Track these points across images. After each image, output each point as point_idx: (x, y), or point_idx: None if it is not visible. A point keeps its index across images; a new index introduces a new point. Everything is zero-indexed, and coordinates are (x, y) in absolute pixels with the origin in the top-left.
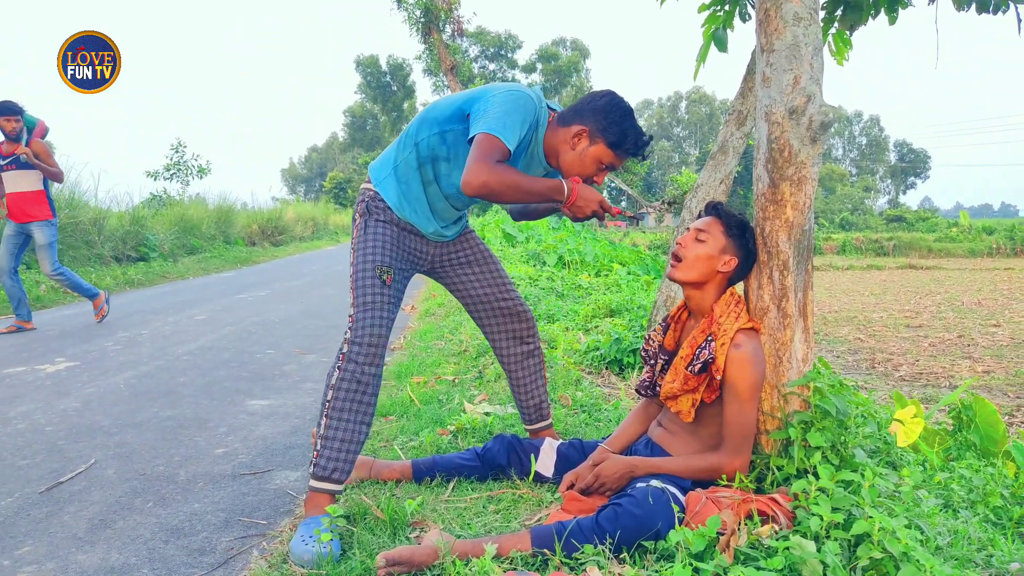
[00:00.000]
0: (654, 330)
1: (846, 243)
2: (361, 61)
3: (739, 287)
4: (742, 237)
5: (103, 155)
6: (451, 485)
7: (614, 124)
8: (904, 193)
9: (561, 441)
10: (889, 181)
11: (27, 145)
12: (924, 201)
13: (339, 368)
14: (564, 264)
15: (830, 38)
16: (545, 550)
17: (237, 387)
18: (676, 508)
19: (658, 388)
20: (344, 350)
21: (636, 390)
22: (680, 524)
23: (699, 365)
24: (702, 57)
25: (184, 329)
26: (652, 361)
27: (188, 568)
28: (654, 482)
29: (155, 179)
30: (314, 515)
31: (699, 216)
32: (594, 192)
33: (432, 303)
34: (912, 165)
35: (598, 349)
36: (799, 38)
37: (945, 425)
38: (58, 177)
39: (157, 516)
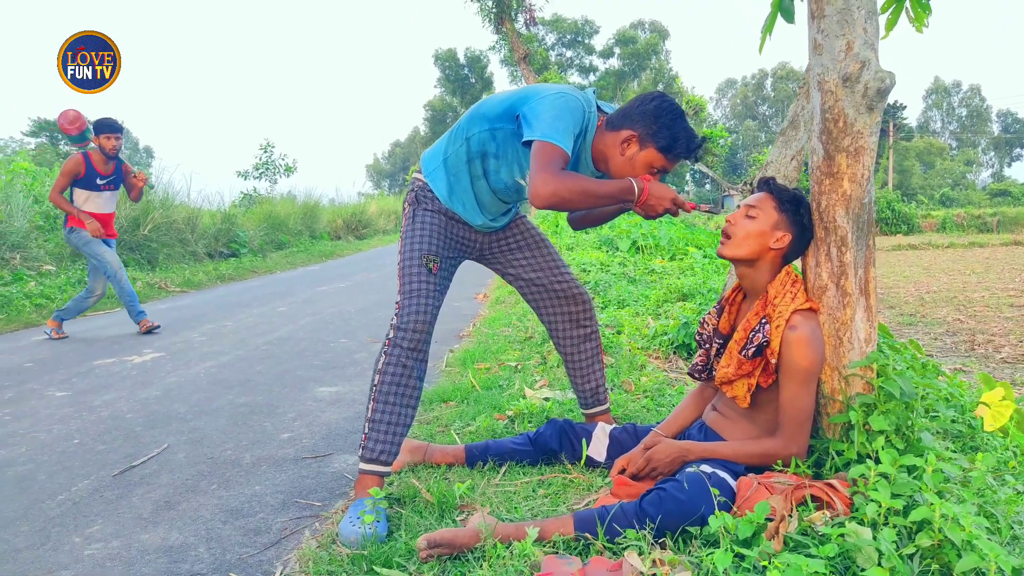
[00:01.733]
0: (709, 313)
1: (946, 220)
2: (439, 55)
3: (797, 265)
4: (796, 212)
5: (195, 156)
6: (503, 469)
7: (664, 128)
8: (1009, 166)
9: (615, 426)
10: (992, 154)
11: (121, 167)
12: None
13: (385, 353)
14: (638, 249)
15: (907, 3)
16: (587, 535)
17: (309, 375)
18: (717, 492)
19: (713, 372)
20: (390, 336)
21: (689, 374)
22: (730, 510)
23: (753, 349)
24: (768, 28)
25: (266, 320)
26: (707, 345)
27: (241, 547)
28: (704, 467)
29: (245, 178)
30: (363, 497)
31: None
32: (667, 189)
33: (503, 291)
34: (1017, 136)
35: (666, 334)
36: (851, 2)
37: None
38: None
39: (219, 498)
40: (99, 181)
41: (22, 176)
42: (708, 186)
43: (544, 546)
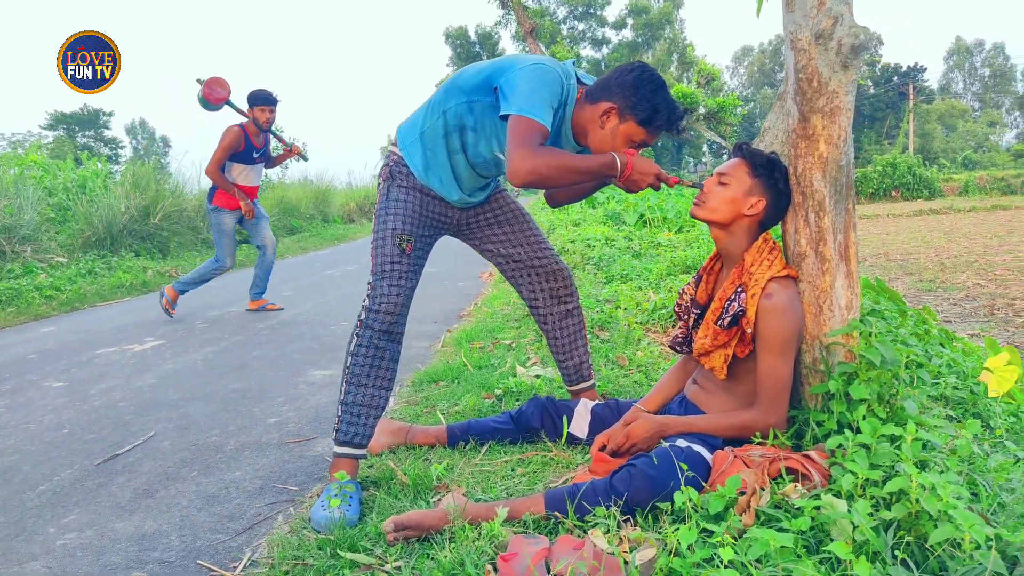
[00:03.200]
0: (688, 284)
1: (969, 183)
2: (450, 33)
3: (779, 231)
4: (770, 177)
5: (205, 144)
6: (483, 449)
7: (644, 100)
8: None
9: (597, 402)
10: (1017, 114)
11: (268, 141)
12: None
13: (356, 335)
14: (645, 222)
15: None
16: (557, 513)
17: (305, 359)
18: (686, 467)
19: (683, 344)
20: (361, 317)
21: (670, 347)
22: (706, 483)
23: (728, 319)
24: None
25: None
26: (685, 316)
27: (213, 534)
28: (680, 441)
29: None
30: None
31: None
32: (650, 163)
33: None
34: None
35: (665, 307)
36: None
37: None
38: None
39: (198, 485)
40: (254, 154)
41: (33, 169)
42: (726, 156)
43: (514, 526)
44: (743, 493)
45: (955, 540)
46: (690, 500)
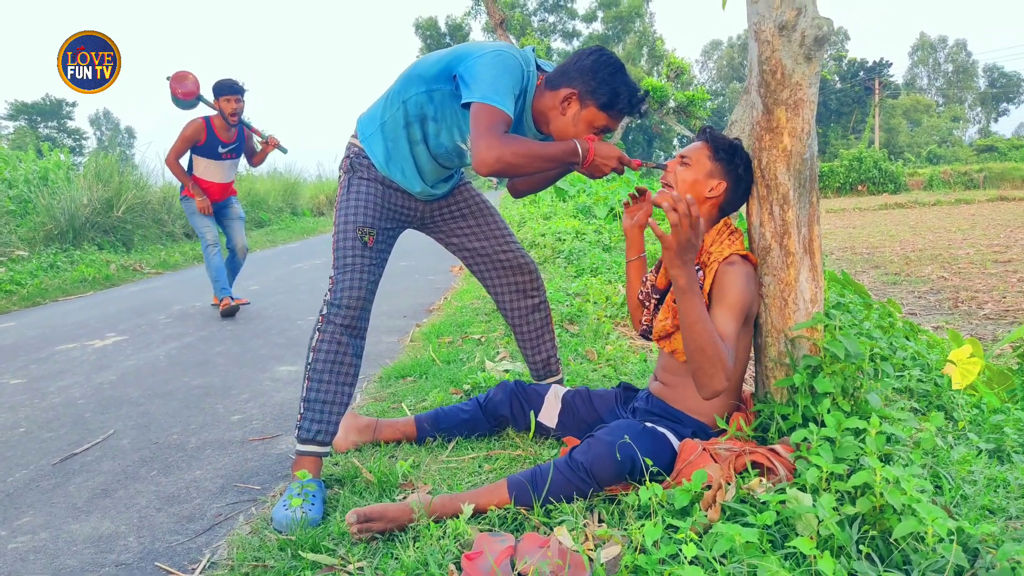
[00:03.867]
0: (651, 270)
1: (933, 177)
2: (420, 24)
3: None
4: (731, 161)
5: (170, 135)
6: (450, 446)
7: (604, 84)
8: (996, 121)
9: (567, 389)
10: (979, 109)
11: (243, 132)
12: (1019, 128)
13: (318, 331)
14: (615, 216)
15: None
16: (523, 509)
17: (271, 354)
18: (637, 450)
19: (651, 330)
20: (323, 312)
21: (640, 334)
22: (669, 470)
23: None
24: None
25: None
26: (647, 302)
27: (172, 535)
28: (647, 423)
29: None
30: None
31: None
32: (611, 148)
33: None
34: (1004, 90)
35: None
36: None
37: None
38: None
39: (157, 484)
40: (220, 149)
41: None
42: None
43: (479, 521)
44: (709, 487)
45: (919, 534)
46: (655, 496)
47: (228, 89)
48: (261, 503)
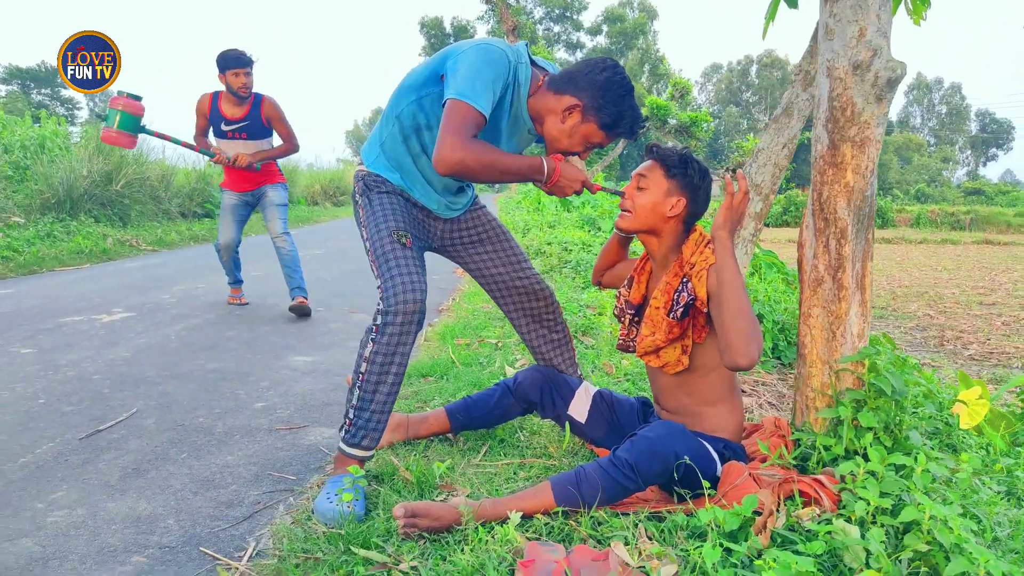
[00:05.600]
0: (623, 286)
1: (921, 216)
2: (425, 23)
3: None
4: (685, 175)
5: (171, 113)
6: (483, 449)
7: (611, 104)
8: (984, 165)
9: (597, 389)
10: (969, 152)
11: (260, 109)
12: (1005, 174)
13: (372, 341)
14: None
15: None
16: (571, 522)
17: (283, 342)
18: (681, 448)
19: (632, 345)
20: (377, 322)
21: (618, 348)
22: (712, 486)
23: (681, 309)
24: (771, 14)
25: None
26: (622, 318)
27: (213, 520)
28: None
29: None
30: (341, 473)
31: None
32: (577, 170)
33: None
34: (994, 136)
35: None
36: None
37: (1014, 407)
38: (294, 151)
39: (190, 467)
40: (224, 127)
41: None
42: None
43: (525, 529)
44: (758, 513)
45: (969, 574)
46: (715, 519)
47: (235, 61)
48: (299, 493)
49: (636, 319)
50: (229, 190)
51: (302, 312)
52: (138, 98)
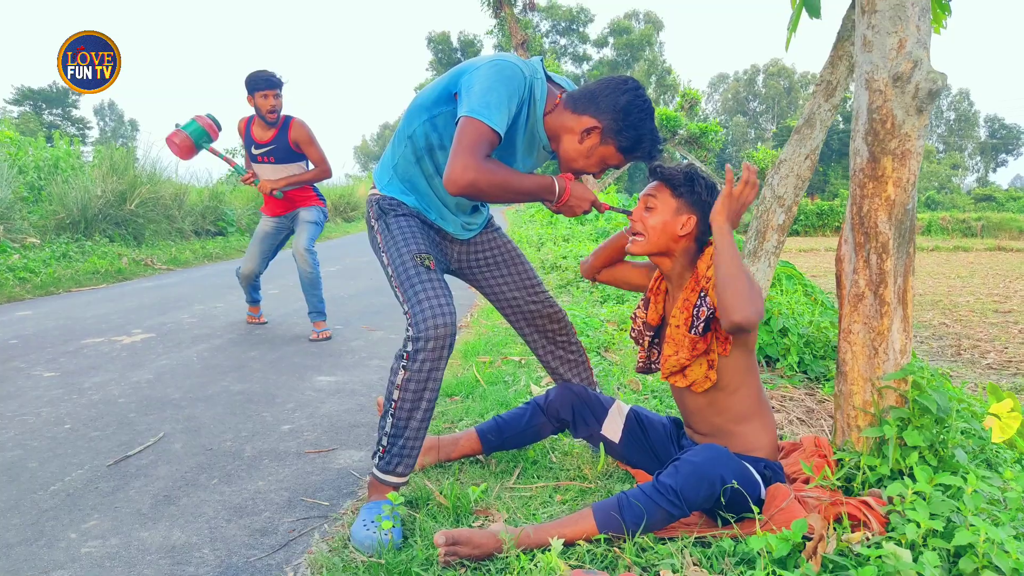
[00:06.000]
0: (638, 307)
1: (931, 223)
2: (433, 38)
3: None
4: (692, 192)
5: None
6: (516, 472)
7: (632, 128)
8: (994, 171)
9: (631, 407)
10: (979, 158)
11: (287, 132)
12: (1015, 180)
13: (404, 368)
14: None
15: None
16: (615, 548)
17: (305, 363)
18: (727, 474)
19: (653, 366)
20: (408, 350)
21: (638, 371)
22: (757, 510)
23: (702, 324)
24: (793, 26)
25: None
26: (641, 340)
27: (249, 549)
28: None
29: (233, 156)
30: (376, 500)
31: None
32: (587, 190)
33: None
34: (1003, 141)
35: None
36: None
37: None
38: (324, 176)
39: (221, 494)
40: (254, 151)
41: (7, 145)
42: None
43: (567, 556)
44: (807, 537)
45: None
46: (768, 544)
47: (263, 83)
48: (333, 520)
49: (656, 340)
50: (265, 215)
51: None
52: (219, 126)
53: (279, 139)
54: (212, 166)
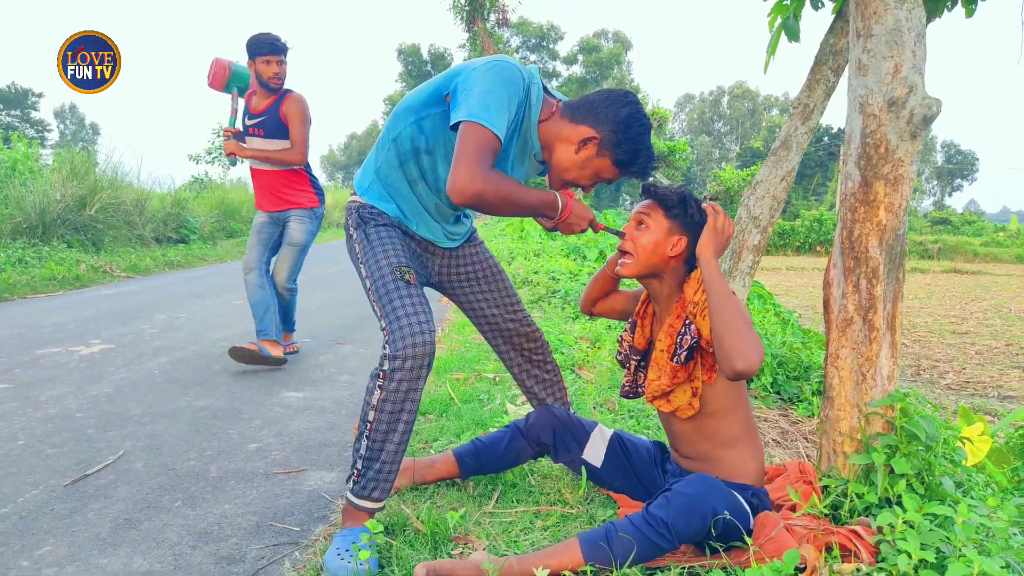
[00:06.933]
0: (625, 330)
1: None
2: (403, 50)
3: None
4: (684, 213)
5: (146, 137)
6: (495, 495)
7: (630, 142)
8: (950, 195)
9: (614, 431)
10: (935, 183)
11: (280, 106)
12: (970, 204)
13: (380, 387)
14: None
15: None
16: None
17: (273, 377)
18: (719, 506)
19: (639, 390)
20: (384, 368)
21: (622, 395)
22: (750, 541)
23: (684, 353)
24: (772, 49)
25: (221, 313)
26: (627, 364)
27: None
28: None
29: (196, 162)
30: (351, 526)
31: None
32: (586, 208)
33: None
34: (959, 167)
35: None
36: (901, 22)
37: (1011, 441)
38: (292, 160)
39: (185, 517)
40: (248, 121)
41: None
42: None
43: None
44: (800, 568)
45: None
46: None
47: (267, 47)
48: (304, 547)
49: (642, 364)
50: (258, 209)
51: (247, 357)
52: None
53: (271, 111)
54: (175, 174)
